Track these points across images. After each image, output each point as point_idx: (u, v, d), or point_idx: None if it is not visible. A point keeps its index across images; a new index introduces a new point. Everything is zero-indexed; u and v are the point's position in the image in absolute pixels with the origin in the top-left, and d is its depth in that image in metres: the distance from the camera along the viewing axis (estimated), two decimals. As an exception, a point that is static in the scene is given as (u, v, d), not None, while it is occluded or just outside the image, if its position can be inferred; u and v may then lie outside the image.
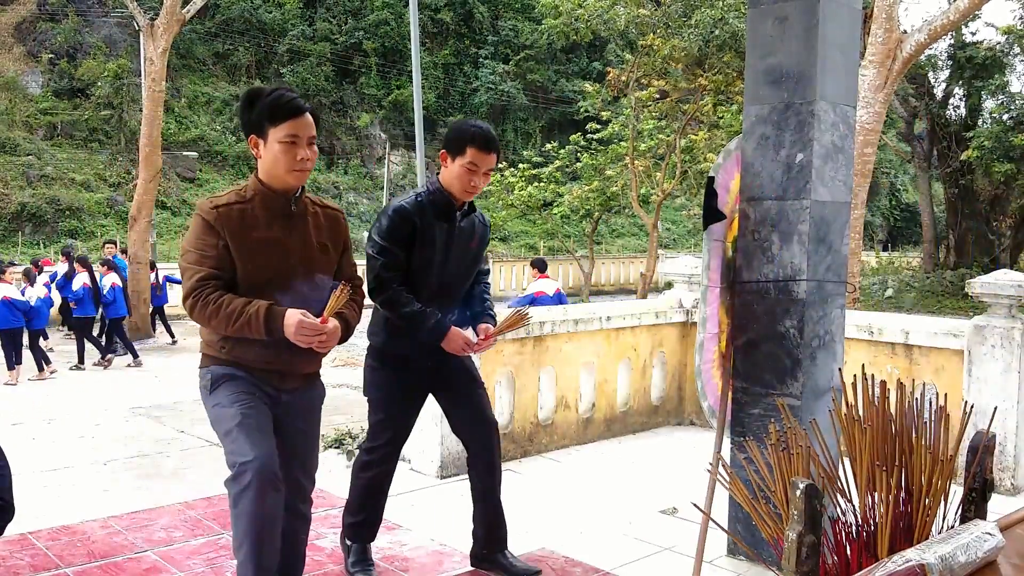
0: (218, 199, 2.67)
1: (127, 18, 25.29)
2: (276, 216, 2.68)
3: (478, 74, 35.89)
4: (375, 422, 3.36)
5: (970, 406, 2.35)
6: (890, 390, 2.22)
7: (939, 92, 23.58)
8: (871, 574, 1.44)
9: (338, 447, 5.60)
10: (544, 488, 4.84)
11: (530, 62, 36.50)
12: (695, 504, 2.85)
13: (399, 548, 3.80)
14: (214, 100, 31.24)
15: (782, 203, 3.51)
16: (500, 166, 17.66)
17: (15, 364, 9.64)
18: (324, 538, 3.87)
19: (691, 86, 17.52)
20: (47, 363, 10.18)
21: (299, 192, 2.73)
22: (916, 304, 19.51)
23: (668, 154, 18.50)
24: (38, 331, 10.44)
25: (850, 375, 2.42)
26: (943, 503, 2.08)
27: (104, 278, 11.23)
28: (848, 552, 2.19)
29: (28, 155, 25.25)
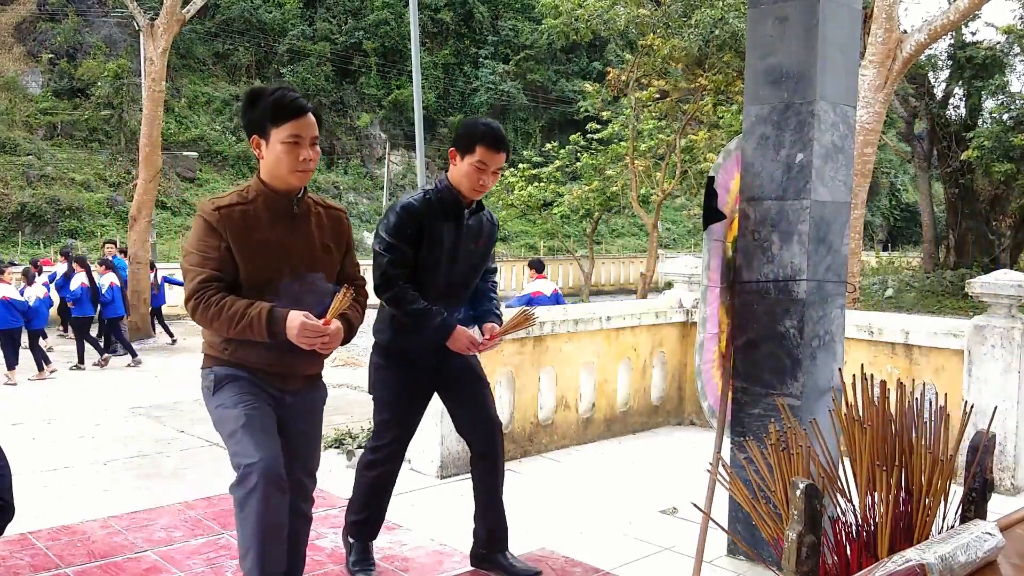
0: (220, 200, 2.64)
1: (127, 18, 25.30)
2: (279, 217, 2.66)
3: (478, 74, 35.90)
4: (380, 421, 3.34)
5: (970, 406, 2.35)
6: (890, 390, 2.22)
7: (939, 92, 23.60)
8: (871, 574, 1.44)
9: (338, 447, 5.61)
10: (544, 488, 4.83)
11: (530, 62, 36.51)
12: (695, 504, 2.85)
13: (399, 548, 3.80)
14: (214, 100, 31.26)
15: (782, 203, 3.51)
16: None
17: (14, 365, 9.65)
18: (324, 538, 3.87)
19: (691, 86, 17.53)
20: (47, 363, 10.18)
21: (302, 193, 2.70)
22: (916, 304, 19.52)
23: (668, 154, 18.51)
24: (37, 331, 10.44)
25: (850, 375, 2.42)
26: (943, 503, 2.08)
27: (102, 278, 11.24)
28: (848, 552, 2.19)
29: (28, 155, 25.26)
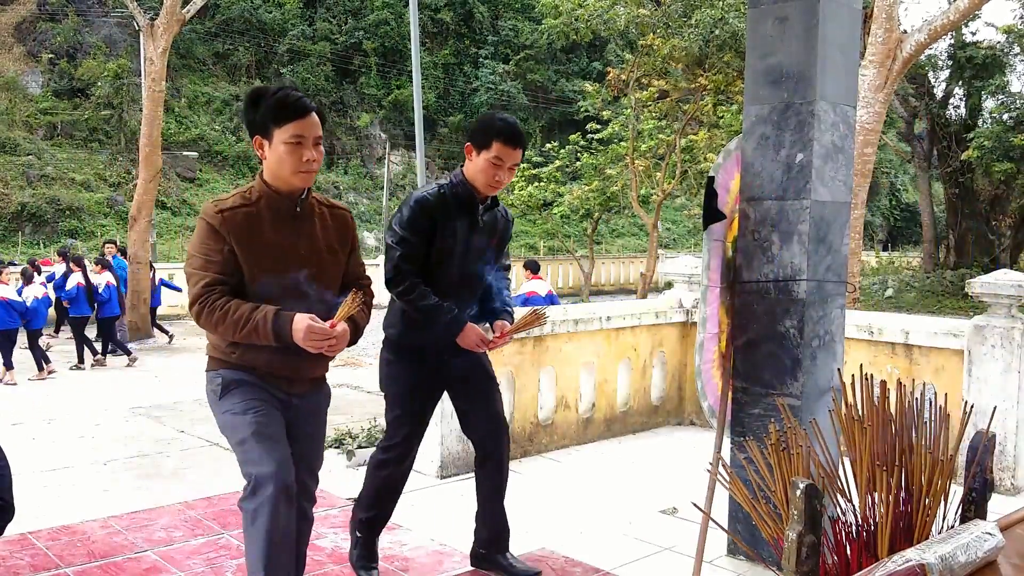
0: (222, 202, 2.59)
1: (127, 18, 25.31)
2: (282, 218, 2.61)
3: (478, 74, 35.91)
4: (392, 419, 3.31)
5: (970, 406, 2.35)
6: (890, 390, 2.22)
7: (939, 92, 23.61)
8: (871, 574, 1.44)
9: (338, 447, 5.61)
10: (544, 488, 4.83)
11: (530, 62, 36.54)
12: (695, 504, 2.85)
13: (399, 548, 3.80)
14: (214, 100, 31.27)
15: (782, 203, 3.51)
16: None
17: (11, 366, 9.65)
18: (324, 538, 3.87)
19: (691, 86, 17.54)
20: (47, 363, 10.17)
21: (305, 193, 2.65)
22: (916, 304, 19.53)
23: (668, 154, 18.51)
24: (37, 331, 10.43)
25: (850, 375, 2.42)
26: (943, 503, 2.08)
27: (98, 277, 11.23)
28: (848, 552, 2.19)
29: (28, 155, 25.27)
